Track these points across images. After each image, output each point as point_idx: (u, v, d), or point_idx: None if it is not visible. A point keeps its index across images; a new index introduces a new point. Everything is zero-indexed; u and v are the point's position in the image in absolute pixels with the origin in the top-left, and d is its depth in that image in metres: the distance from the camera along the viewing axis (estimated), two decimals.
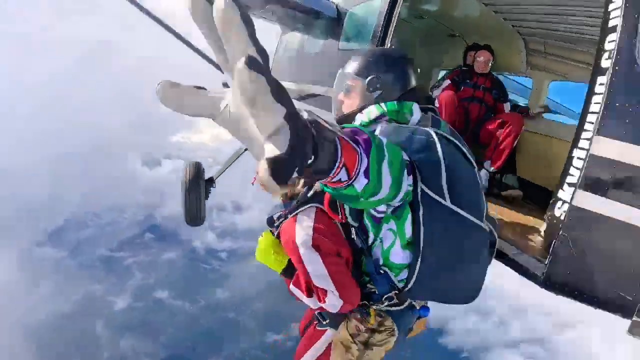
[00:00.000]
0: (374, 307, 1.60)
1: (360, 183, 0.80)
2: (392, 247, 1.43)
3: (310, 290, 1.58)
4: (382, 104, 1.50)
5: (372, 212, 1.39)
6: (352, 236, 1.56)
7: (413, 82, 1.57)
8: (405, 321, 1.66)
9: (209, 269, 45.59)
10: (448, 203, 1.25)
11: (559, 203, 1.79)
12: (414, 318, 1.71)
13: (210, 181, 5.14)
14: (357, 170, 0.77)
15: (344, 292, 1.51)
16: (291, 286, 1.65)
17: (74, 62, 73.08)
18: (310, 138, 0.59)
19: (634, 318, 1.47)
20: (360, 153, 0.77)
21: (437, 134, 1.33)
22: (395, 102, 1.50)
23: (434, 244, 1.31)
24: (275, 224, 1.66)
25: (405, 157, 1.08)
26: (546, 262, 1.71)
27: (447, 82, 4.12)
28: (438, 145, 1.26)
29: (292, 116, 0.53)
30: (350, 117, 1.56)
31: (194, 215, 4.95)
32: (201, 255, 47.74)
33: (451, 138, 1.40)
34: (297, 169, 0.55)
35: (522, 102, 4.88)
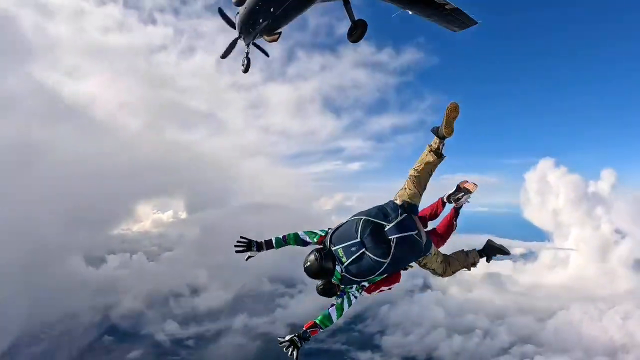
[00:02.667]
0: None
1: (321, 331, 3.69)
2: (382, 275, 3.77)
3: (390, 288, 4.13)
4: (334, 279, 3.62)
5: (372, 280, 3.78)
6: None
7: (330, 264, 3.55)
8: (429, 254, 4.06)
9: None
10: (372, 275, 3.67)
11: None
12: (430, 253, 4.08)
13: None
14: (318, 332, 3.66)
15: (392, 283, 4.00)
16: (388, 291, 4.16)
17: None
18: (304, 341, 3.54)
19: None
20: (319, 330, 3.66)
21: (343, 269, 3.55)
22: (331, 279, 3.60)
23: (394, 265, 3.66)
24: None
25: (346, 306, 3.69)
26: None
27: None
28: (347, 276, 3.59)
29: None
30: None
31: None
32: (167, 347, 49.36)
33: (351, 259, 3.55)
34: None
35: None
